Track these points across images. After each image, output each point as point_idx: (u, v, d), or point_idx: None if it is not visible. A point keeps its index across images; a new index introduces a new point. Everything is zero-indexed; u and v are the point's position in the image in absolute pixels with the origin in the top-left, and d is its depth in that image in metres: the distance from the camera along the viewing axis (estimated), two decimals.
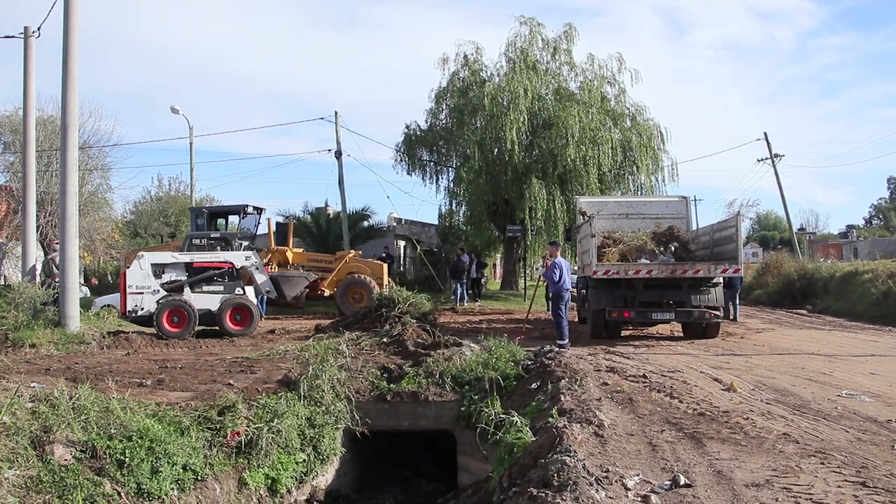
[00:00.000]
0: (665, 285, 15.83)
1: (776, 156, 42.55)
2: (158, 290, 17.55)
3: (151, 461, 6.53)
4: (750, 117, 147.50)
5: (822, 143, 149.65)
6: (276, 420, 8.42)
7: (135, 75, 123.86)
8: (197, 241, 19.51)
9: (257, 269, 18.20)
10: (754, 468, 5.89)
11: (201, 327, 17.58)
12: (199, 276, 17.86)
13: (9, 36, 21.21)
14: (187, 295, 17.52)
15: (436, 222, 39.19)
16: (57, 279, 17.39)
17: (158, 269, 17.87)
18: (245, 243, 21.78)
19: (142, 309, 17.48)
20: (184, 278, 17.77)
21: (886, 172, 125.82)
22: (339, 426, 9.88)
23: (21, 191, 24.26)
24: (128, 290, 17.64)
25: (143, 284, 17.56)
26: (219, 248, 19.06)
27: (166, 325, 17.04)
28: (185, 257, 18.10)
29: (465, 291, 28.44)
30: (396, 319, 15.47)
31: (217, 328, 17.49)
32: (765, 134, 42.80)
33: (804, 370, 11.55)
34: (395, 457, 12.29)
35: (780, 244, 64.84)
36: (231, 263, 17.95)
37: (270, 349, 14.23)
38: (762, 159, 43.55)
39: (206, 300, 17.53)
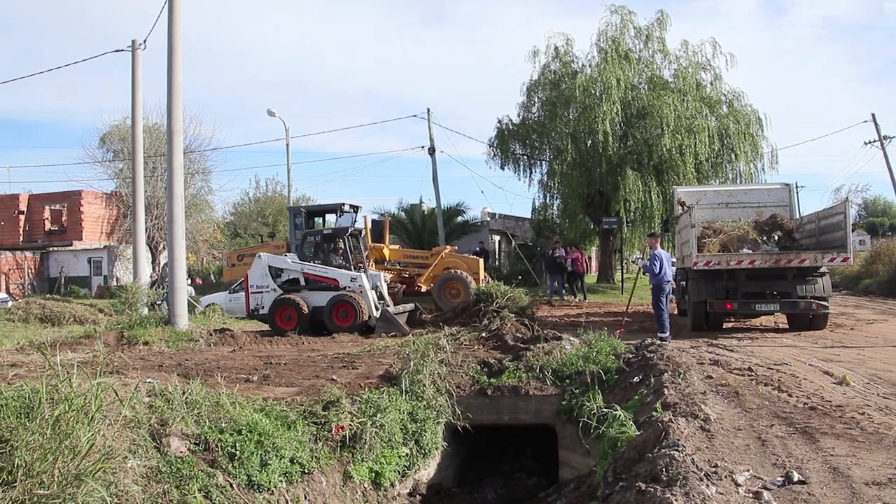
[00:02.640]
0: (769, 275, 15.36)
1: (885, 138, 40.67)
2: (276, 290, 18.22)
3: (260, 454, 6.72)
4: (855, 97, 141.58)
5: None
6: (378, 414, 8.55)
7: (231, 80, 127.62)
8: (311, 239, 19.85)
9: (361, 292, 17.80)
10: (874, 466, 5.65)
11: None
12: (308, 285, 18.29)
13: (119, 49, 22.24)
14: (303, 293, 18.05)
15: (530, 216, 38.98)
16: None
17: (276, 270, 18.52)
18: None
19: (262, 308, 18.25)
20: (300, 279, 18.34)
21: None
22: (440, 420, 9.96)
23: (130, 196, 25.37)
24: (250, 290, 18.47)
25: (262, 284, 18.33)
26: (338, 243, 19.24)
27: (279, 323, 17.65)
28: (298, 266, 18.46)
29: (562, 286, 28.17)
30: (495, 314, 15.49)
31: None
32: (872, 115, 40.89)
33: None
34: (495, 451, 12.31)
35: (890, 231, 62.05)
36: (336, 281, 18.07)
37: (371, 345, 14.47)
38: (870, 142, 41.79)
39: (317, 297, 17.91)
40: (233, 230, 51.38)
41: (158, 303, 20.25)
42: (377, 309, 17.91)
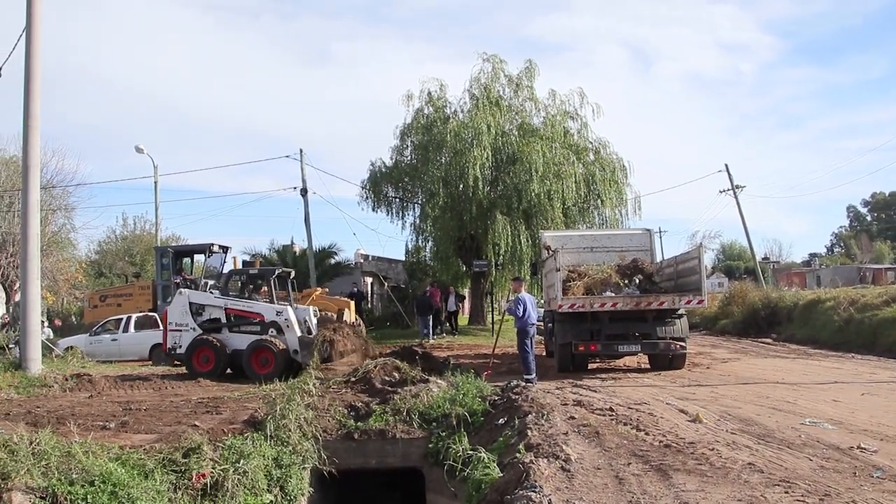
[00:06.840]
0: (630, 317, 15.92)
1: (738, 187, 43.23)
2: (196, 329, 17.41)
3: None
4: (715, 149, 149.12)
5: (783, 174, 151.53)
6: (242, 461, 8.35)
7: (99, 114, 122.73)
8: (235, 278, 19.11)
9: (287, 326, 17.15)
10: (719, 499, 5.92)
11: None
12: (231, 322, 17.57)
13: None
14: (223, 334, 17.33)
15: (402, 258, 39.18)
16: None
17: (198, 308, 17.68)
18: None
19: (180, 347, 17.39)
20: (222, 317, 17.58)
21: (845, 201, 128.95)
22: (306, 466, 9.79)
23: None
24: (169, 328, 17.59)
25: (182, 322, 17.46)
26: (260, 284, 18.78)
27: (195, 365, 16.96)
28: (221, 301, 17.68)
29: (425, 326, 28.29)
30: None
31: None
32: (726, 166, 43.56)
33: (769, 399, 11.65)
34: (363, 495, 12.17)
35: (744, 274, 65.48)
36: (262, 316, 17.39)
37: (237, 389, 14.10)
38: (724, 190, 44.25)
39: (238, 340, 17.21)
40: (97, 269, 49.11)
41: (11, 346, 19.12)
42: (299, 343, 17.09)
